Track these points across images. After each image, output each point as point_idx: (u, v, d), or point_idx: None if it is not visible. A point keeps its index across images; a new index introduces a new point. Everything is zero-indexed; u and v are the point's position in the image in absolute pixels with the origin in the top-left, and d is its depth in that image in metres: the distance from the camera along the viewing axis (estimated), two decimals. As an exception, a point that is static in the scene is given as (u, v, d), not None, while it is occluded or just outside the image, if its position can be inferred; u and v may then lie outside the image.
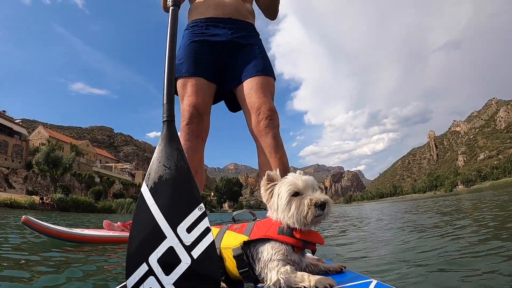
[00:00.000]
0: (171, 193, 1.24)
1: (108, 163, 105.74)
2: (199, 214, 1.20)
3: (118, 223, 5.58)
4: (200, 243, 1.16)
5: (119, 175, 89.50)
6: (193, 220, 1.19)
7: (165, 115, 1.43)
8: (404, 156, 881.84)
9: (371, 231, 7.00)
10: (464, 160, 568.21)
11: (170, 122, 1.42)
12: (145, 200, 1.23)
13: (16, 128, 68.99)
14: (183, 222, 1.18)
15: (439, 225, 6.54)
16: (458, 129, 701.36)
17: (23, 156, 66.11)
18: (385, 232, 6.44)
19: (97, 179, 74.42)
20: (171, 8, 1.76)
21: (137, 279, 1.12)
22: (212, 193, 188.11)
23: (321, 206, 1.35)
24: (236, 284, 1.49)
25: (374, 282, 1.29)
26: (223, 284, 1.45)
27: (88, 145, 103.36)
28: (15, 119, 73.93)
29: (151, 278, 1.12)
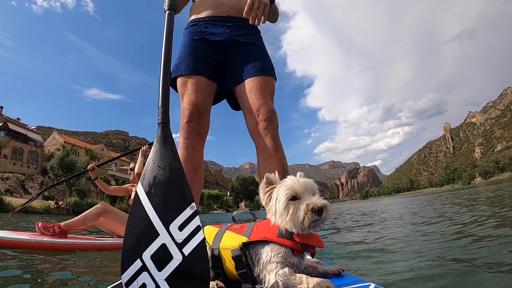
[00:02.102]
0: (164, 192, 1.27)
1: (123, 166, 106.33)
2: (191, 213, 1.24)
3: (39, 224, 4.92)
4: (191, 241, 1.19)
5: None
6: (185, 219, 1.22)
7: (160, 117, 1.46)
8: (420, 150, 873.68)
9: (374, 231, 6.84)
10: (481, 151, 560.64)
11: (164, 124, 1.45)
12: (140, 200, 1.27)
13: (30, 134, 69.88)
14: (175, 220, 1.22)
15: (453, 222, 6.27)
16: (474, 120, 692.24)
17: (39, 162, 66.94)
18: (388, 231, 6.26)
19: (113, 182, 74.89)
20: (167, 11, 1.77)
21: (131, 274, 1.15)
22: (228, 193, 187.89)
23: (318, 211, 1.35)
24: (234, 284, 1.51)
25: (372, 285, 1.30)
26: (221, 284, 1.47)
27: (103, 149, 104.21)
28: (31, 127, 74.81)
29: (145, 273, 1.15)
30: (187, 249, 1.18)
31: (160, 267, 1.16)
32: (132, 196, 5.98)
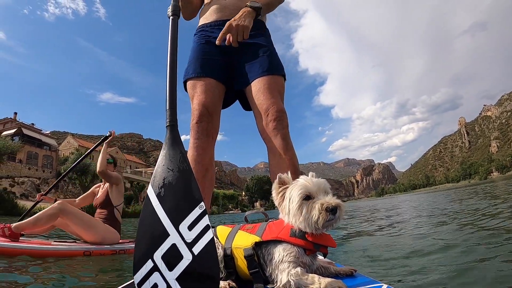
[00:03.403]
0: (174, 193, 1.29)
1: (138, 168, 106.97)
2: (200, 213, 1.25)
3: None
4: (200, 240, 1.20)
5: (149, 179, 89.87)
6: (194, 218, 1.24)
7: (168, 120, 1.48)
8: (435, 145, 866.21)
9: (387, 231, 6.78)
10: (497, 145, 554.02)
11: (173, 126, 1.47)
12: (150, 201, 1.29)
13: (45, 139, 70.98)
14: (185, 220, 1.23)
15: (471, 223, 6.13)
16: (489, 113, 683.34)
17: (54, 166, 67.91)
18: (404, 230, 6.13)
19: (128, 185, 75.35)
20: (171, 17, 1.77)
21: (143, 275, 1.17)
22: (243, 193, 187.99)
23: (332, 210, 1.35)
24: (246, 284, 1.51)
25: (385, 286, 1.30)
26: (233, 284, 1.47)
27: (117, 152, 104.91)
28: (45, 131, 75.81)
29: (156, 273, 1.17)
30: (196, 248, 1.19)
31: (171, 267, 1.17)
32: (98, 196, 5.71)
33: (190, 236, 1.21)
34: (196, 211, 1.25)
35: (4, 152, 49.90)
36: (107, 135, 5.99)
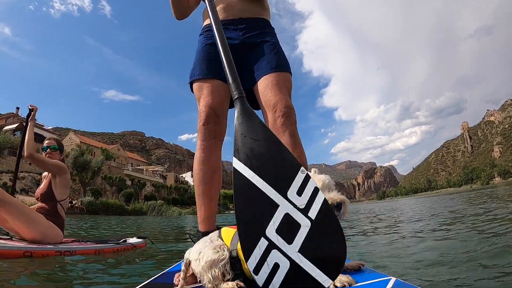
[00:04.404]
0: (269, 162, 1.23)
1: (139, 166, 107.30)
2: (304, 177, 1.18)
3: None
4: (314, 203, 1.12)
5: (151, 177, 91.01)
6: (300, 183, 1.17)
7: (235, 93, 1.45)
8: (437, 149, 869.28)
9: (392, 227, 6.90)
10: (500, 151, 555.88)
11: (241, 98, 1.43)
12: (243, 175, 1.22)
13: (46, 135, 70.85)
14: (291, 187, 1.16)
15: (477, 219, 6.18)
16: (492, 118, 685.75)
17: (55, 162, 67.84)
18: (407, 228, 6.35)
19: (128, 182, 75.58)
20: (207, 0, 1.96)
21: (258, 257, 1.08)
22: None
23: (337, 206, 1.36)
24: (254, 284, 1.35)
25: (393, 280, 1.30)
26: (241, 284, 1.41)
27: (119, 149, 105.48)
28: (47, 127, 75.92)
29: (274, 251, 1.08)
30: (313, 212, 1.11)
31: (289, 240, 1.08)
32: (40, 187, 4.88)
33: (301, 201, 1.13)
34: (300, 176, 1.18)
35: (5, 146, 49.97)
36: (29, 112, 5.18)
